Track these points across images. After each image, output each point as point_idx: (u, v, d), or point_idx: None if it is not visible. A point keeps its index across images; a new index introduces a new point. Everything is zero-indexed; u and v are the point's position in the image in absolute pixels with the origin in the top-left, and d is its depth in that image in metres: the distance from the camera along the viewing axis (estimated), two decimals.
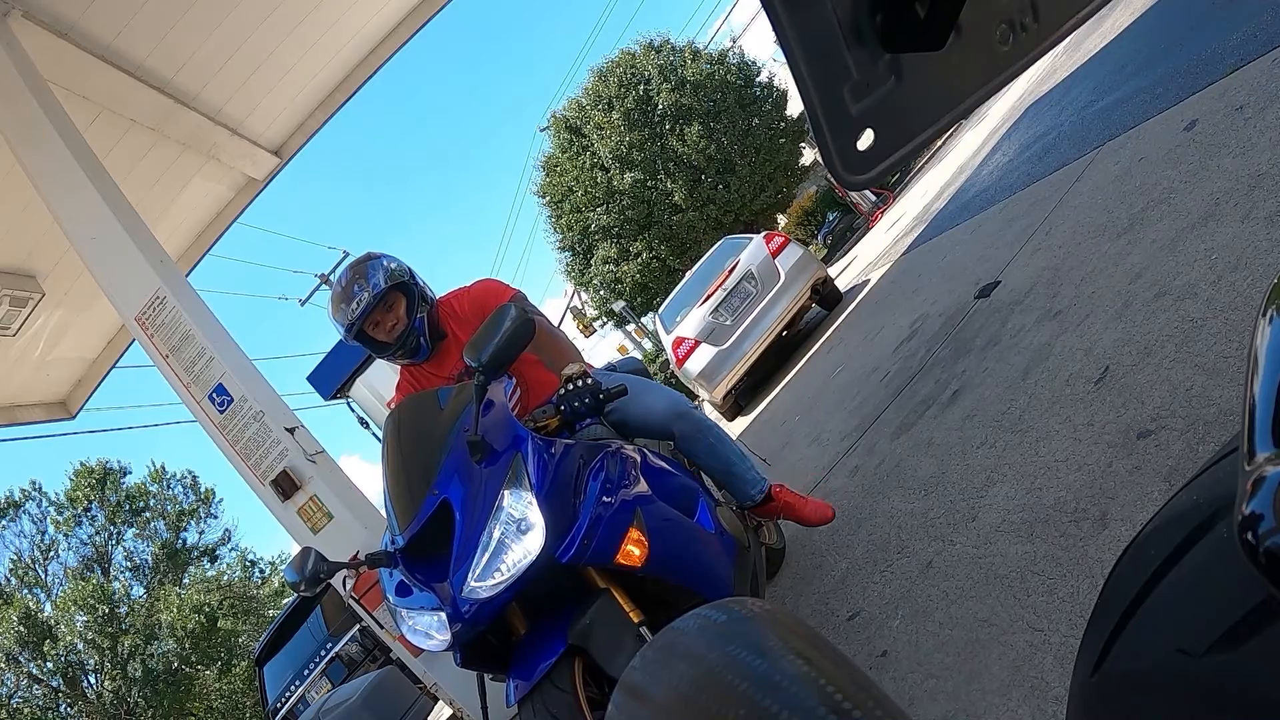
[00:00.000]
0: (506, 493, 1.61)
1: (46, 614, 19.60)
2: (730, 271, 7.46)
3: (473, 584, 1.55)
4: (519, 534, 1.57)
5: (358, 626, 6.54)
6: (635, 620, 1.56)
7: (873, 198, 14.84)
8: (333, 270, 19.04)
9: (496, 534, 1.58)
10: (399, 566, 1.71)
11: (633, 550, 1.64)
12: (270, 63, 5.54)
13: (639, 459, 1.95)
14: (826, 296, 7.75)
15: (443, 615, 1.58)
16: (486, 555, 1.56)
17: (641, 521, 1.70)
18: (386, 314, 2.32)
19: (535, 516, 1.57)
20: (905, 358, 3.88)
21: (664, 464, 2.05)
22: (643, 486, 1.86)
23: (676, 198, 17.82)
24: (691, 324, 7.54)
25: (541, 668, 1.51)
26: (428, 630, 1.63)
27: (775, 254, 7.39)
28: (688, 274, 8.86)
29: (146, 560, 21.55)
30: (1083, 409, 1.97)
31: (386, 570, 1.77)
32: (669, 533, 1.78)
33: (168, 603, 20.41)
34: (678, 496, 1.96)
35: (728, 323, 7.23)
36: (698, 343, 7.38)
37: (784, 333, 7.47)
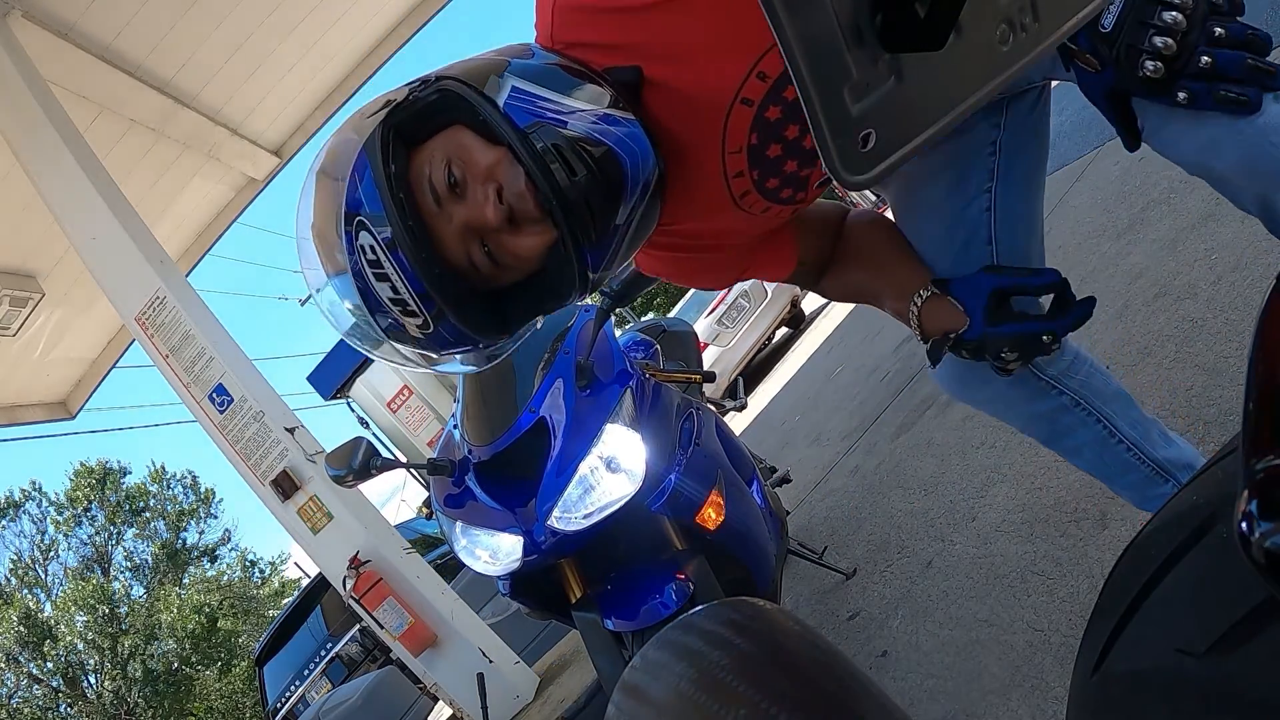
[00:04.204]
0: (611, 427, 1.53)
1: (46, 614, 19.60)
2: (729, 288, 8.79)
3: (559, 514, 1.49)
4: (614, 471, 1.51)
5: (358, 626, 6.53)
6: (719, 588, 1.53)
7: (873, 198, 14.84)
8: None
9: (593, 467, 1.51)
10: (471, 478, 1.62)
11: (711, 513, 1.59)
12: (270, 63, 5.53)
13: (714, 420, 1.91)
14: (794, 317, 9.49)
15: (512, 538, 1.52)
16: (580, 487, 1.50)
17: (721, 485, 1.66)
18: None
19: (636, 457, 1.51)
20: (905, 358, 3.88)
21: (726, 430, 2.02)
22: (720, 448, 1.82)
23: None
24: (700, 330, 8.55)
25: (665, 608, 1.47)
26: (490, 551, 1.56)
27: None
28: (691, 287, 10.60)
29: (146, 560, 21.55)
30: None
31: (439, 479, 1.68)
32: (740, 502, 1.73)
33: (168, 603, 20.40)
34: (738, 466, 1.91)
35: (728, 329, 8.74)
36: (705, 345, 8.60)
37: (768, 341, 9.16)
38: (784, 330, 9.70)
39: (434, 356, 0.83)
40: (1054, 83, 1.04)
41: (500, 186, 0.74)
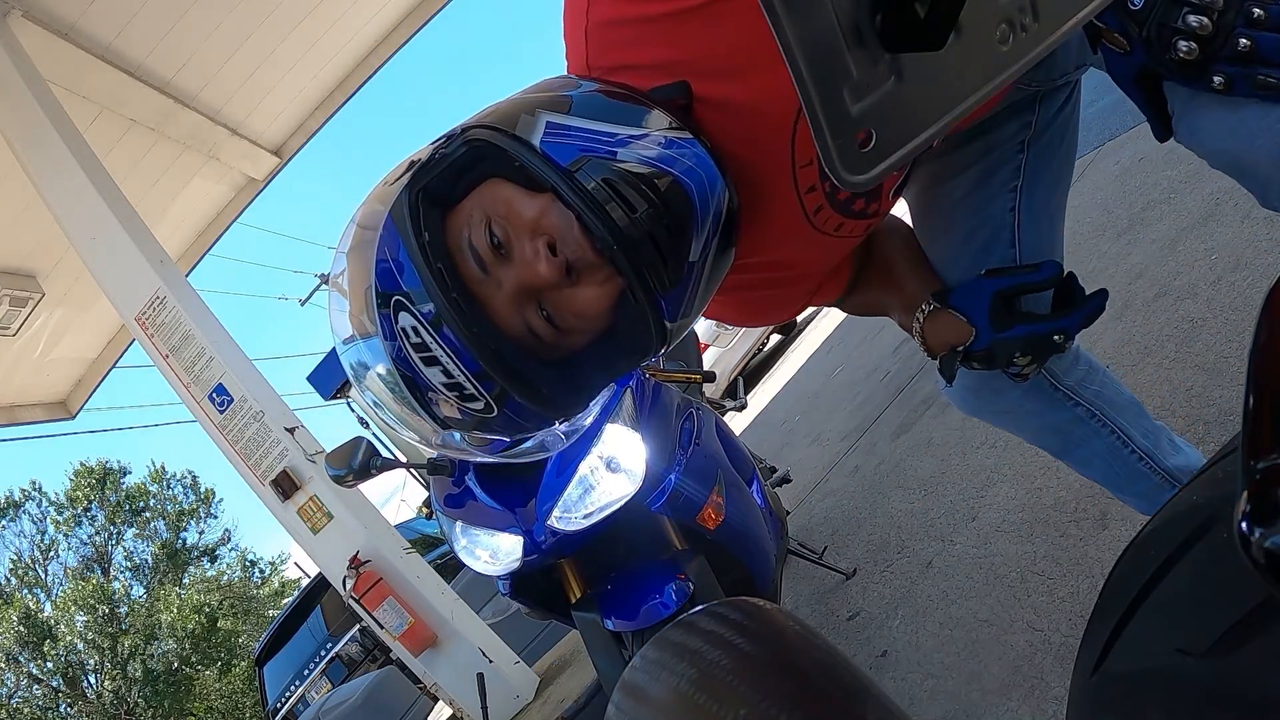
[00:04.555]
0: (611, 427, 1.54)
1: (46, 614, 19.59)
2: None
3: (559, 514, 1.50)
4: (615, 471, 1.52)
5: (358, 626, 6.53)
6: (719, 588, 1.54)
7: None
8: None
9: (593, 467, 1.52)
10: (471, 478, 1.64)
11: (711, 513, 1.61)
12: (270, 63, 5.54)
13: (714, 420, 1.92)
14: (785, 324, 9.37)
15: (512, 538, 1.53)
16: (580, 487, 1.51)
17: (721, 485, 1.67)
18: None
19: (636, 457, 1.52)
20: (905, 358, 3.87)
21: (726, 430, 2.03)
22: (720, 448, 1.83)
23: None
24: (700, 331, 8.56)
25: (665, 608, 1.48)
26: (490, 551, 1.57)
27: None
28: None
29: (146, 560, 21.53)
30: None
31: (439, 479, 1.70)
32: (740, 502, 1.74)
33: (168, 603, 20.39)
34: (738, 466, 1.92)
35: (727, 330, 8.54)
36: (706, 346, 8.66)
37: (762, 346, 9.17)
38: (777, 337, 9.68)
39: (503, 443, 0.73)
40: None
41: (551, 238, 0.64)
